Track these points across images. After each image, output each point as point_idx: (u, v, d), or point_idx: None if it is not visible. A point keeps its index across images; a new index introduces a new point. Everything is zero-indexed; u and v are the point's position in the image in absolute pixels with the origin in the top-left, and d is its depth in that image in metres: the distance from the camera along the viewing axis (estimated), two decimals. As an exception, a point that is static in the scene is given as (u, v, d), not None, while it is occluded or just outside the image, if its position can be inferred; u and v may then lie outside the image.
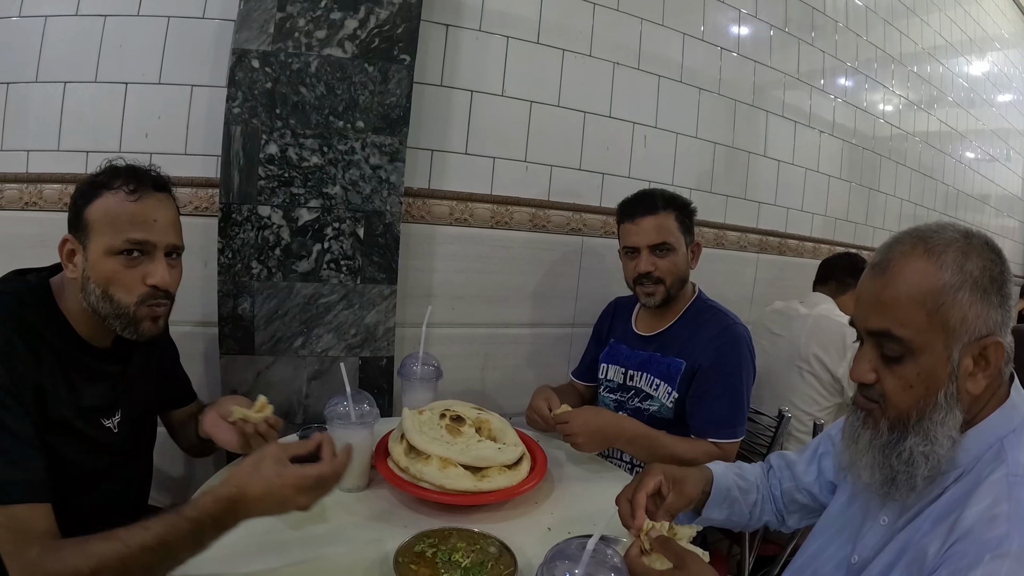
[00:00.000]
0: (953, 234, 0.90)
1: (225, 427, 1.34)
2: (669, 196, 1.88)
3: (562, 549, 1.09)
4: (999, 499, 0.82)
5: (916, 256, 0.90)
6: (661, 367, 1.86)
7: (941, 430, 0.88)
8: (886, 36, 3.53)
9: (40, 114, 1.78)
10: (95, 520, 1.22)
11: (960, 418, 0.89)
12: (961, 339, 0.87)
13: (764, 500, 1.33)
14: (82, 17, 1.78)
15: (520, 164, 2.25)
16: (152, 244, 1.20)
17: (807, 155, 3.15)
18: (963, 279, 0.86)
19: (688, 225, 1.88)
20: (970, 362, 0.88)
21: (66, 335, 1.19)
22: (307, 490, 1.02)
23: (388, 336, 1.96)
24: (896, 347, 0.90)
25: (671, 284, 1.84)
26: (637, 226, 1.84)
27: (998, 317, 0.87)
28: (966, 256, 0.88)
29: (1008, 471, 0.85)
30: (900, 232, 0.96)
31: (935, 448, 0.88)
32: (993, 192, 4.96)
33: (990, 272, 0.88)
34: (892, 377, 0.92)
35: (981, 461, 0.89)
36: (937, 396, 0.89)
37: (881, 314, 0.91)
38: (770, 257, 3.05)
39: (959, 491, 0.89)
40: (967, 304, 0.86)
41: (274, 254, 1.81)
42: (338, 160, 1.83)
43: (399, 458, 1.41)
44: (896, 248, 0.93)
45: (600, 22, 2.33)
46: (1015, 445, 0.88)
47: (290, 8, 1.75)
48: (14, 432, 1.03)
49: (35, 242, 1.75)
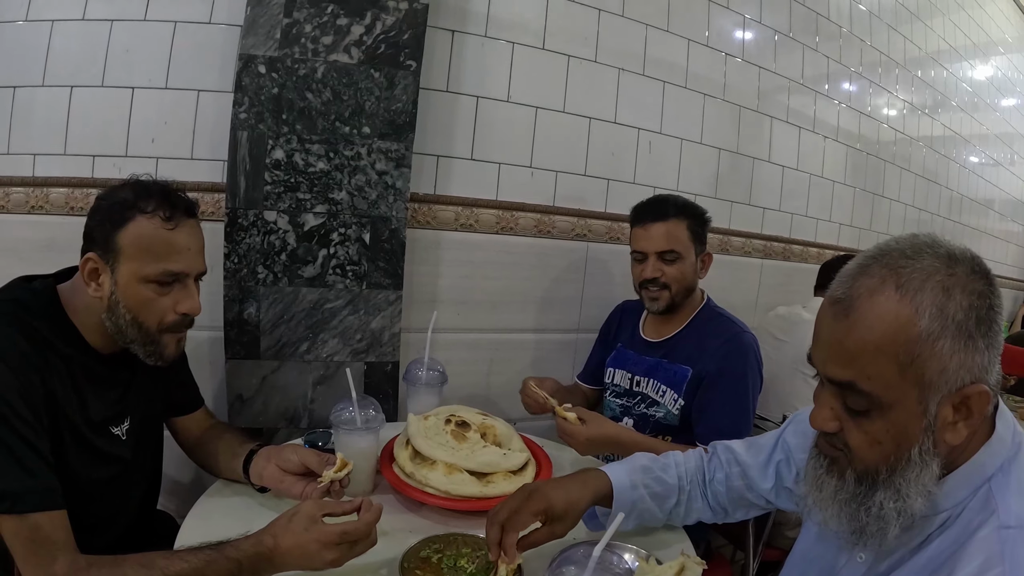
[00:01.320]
0: (932, 263, 0.75)
1: (292, 480, 1.31)
2: (683, 204, 1.88)
3: (568, 555, 1.09)
4: (992, 560, 0.72)
5: (886, 295, 0.74)
6: (668, 374, 1.85)
7: (914, 487, 0.77)
8: (890, 41, 3.53)
9: (46, 118, 1.79)
10: (103, 526, 1.23)
11: (938, 471, 0.77)
12: (939, 391, 0.74)
13: (691, 499, 1.26)
14: (89, 22, 1.78)
15: (525, 170, 2.25)
16: (186, 274, 1.21)
17: (811, 160, 3.15)
18: (944, 325, 0.72)
19: (699, 234, 1.88)
20: (949, 412, 0.75)
21: (75, 343, 1.18)
22: (332, 546, 1.02)
23: (393, 341, 1.96)
24: (861, 401, 0.77)
25: (676, 291, 1.84)
26: (646, 231, 1.84)
27: (984, 360, 0.74)
28: (948, 295, 0.73)
29: (1000, 523, 0.74)
30: (866, 255, 0.80)
31: (908, 504, 0.77)
32: (997, 196, 4.95)
33: (976, 312, 0.73)
34: (857, 431, 0.80)
35: (968, 509, 0.78)
36: (910, 452, 0.77)
37: (844, 364, 0.78)
38: (774, 263, 3.05)
39: (946, 542, 0.79)
40: (948, 354, 0.73)
41: (280, 259, 1.81)
42: (344, 166, 1.83)
43: (404, 463, 1.41)
44: (863, 283, 0.77)
45: (605, 28, 2.34)
46: (1004, 488, 0.77)
47: (297, 14, 1.76)
48: (27, 440, 1.03)
49: (41, 246, 1.76)
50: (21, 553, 1.00)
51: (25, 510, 1.00)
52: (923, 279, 0.74)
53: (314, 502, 1.09)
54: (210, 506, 1.32)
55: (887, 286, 0.75)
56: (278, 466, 1.31)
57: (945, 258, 0.75)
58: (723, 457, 1.29)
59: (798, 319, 2.49)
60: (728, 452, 1.29)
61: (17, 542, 1.00)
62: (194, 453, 1.50)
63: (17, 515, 0.99)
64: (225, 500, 1.35)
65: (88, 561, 1.01)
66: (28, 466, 1.02)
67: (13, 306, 1.13)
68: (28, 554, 1.00)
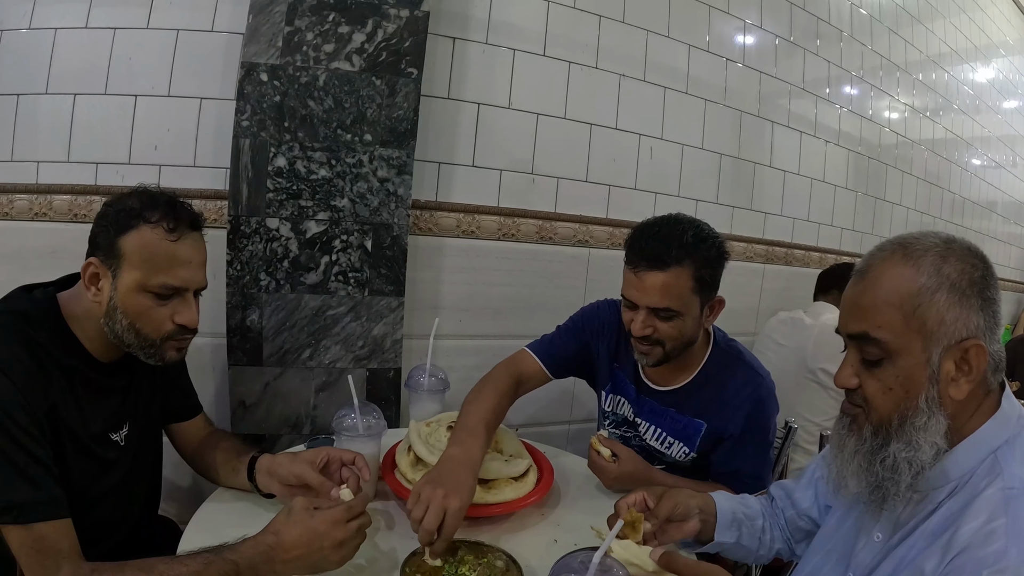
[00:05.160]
0: (934, 240, 0.90)
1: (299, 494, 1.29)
2: (691, 243, 1.45)
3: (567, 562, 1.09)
4: (996, 514, 0.81)
5: (895, 261, 0.89)
6: (677, 426, 1.63)
7: (923, 435, 0.86)
8: (891, 45, 3.53)
9: (50, 125, 1.80)
10: (106, 533, 1.23)
11: (944, 424, 0.87)
12: (940, 342, 0.85)
13: (772, 527, 1.30)
14: (92, 30, 1.80)
15: (527, 176, 2.26)
16: (185, 288, 1.21)
17: (813, 165, 3.15)
18: (940, 281, 0.85)
19: (708, 281, 1.49)
20: (951, 366, 0.86)
21: (74, 352, 1.18)
22: (341, 524, 1.04)
23: (395, 348, 1.97)
24: (874, 350, 0.90)
25: (671, 348, 1.52)
26: (639, 280, 1.46)
27: (979, 321, 0.86)
28: (944, 259, 0.87)
29: (1004, 484, 0.83)
30: (884, 240, 0.96)
31: (918, 454, 0.87)
32: (1000, 199, 4.94)
33: (969, 275, 0.86)
34: (872, 380, 0.91)
35: (975, 475, 0.87)
36: (918, 400, 0.87)
37: (859, 318, 0.92)
38: (776, 267, 3.04)
39: (954, 506, 0.87)
40: (945, 306, 0.85)
41: (282, 266, 1.82)
42: (346, 173, 1.84)
43: (406, 470, 1.41)
44: (876, 255, 0.93)
45: (606, 34, 2.34)
46: (1010, 456, 0.86)
47: (298, 22, 1.77)
48: (30, 451, 1.03)
49: (44, 253, 1.77)
50: (27, 562, 1.01)
51: (30, 520, 1.00)
52: (925, 249, 0.88)
53: (302, 498, 1.10)
54: (212, 512, 1.32)
55: (896, 255, 0.90)
56: (280, 483, 1.30)
57: (945, 237, 0.90)
58: (775, 493, 1.35)
59: (799, 324, 2.49)
60: (779, 488, 1.35)
61: (23, 551, 1.01)
62: (193, 461, 1.49)
63: (22, 525, 1.00)
64: (228, 506, 1.34)
65: (91, 568, 1.02)
66: (32, 477, 1.02)
67: (14, 317, 1.13)
68: (34, 563, 1.00)
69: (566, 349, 1.76)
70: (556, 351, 1.75)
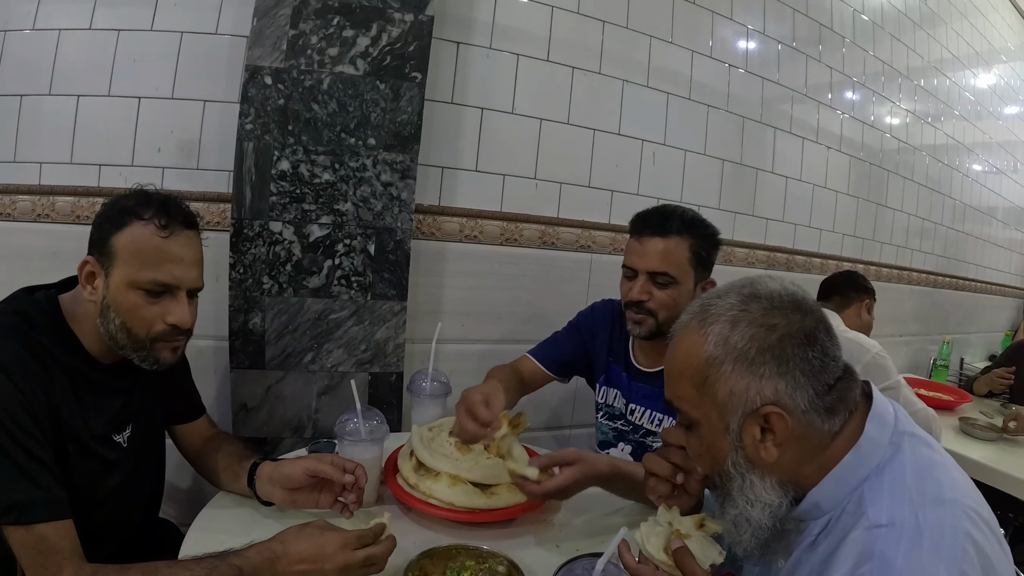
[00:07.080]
0: (731, 301, 0.87)
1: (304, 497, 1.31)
2: (690, 219, 1.62)
3: (571, 568, 1.09)
4: (862, 557, 0.77)
5: (690, 329, 0.89)
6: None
7: (744, 496, 0.86)
8: (893, 51, 3.54)
9: (53, 127, 1.80)
10: (108, 535, 1.23)
11: (772, 479, 0.86)
12: (735, 411, 0.84)
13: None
14: (96, 31, 1.79)
15: (530, 181, 2.26)
16: (176, 286, 1.20)
17: (815, 171, 3.15)
18: (727, 352, 0.84)
19: (704, 258, 1.63)
20: (756, 430, 0.84)
21: (77, 353, 1.18)
22: (348, 548, 1.05)
23: (398, 352, 1.97)
24: (683, 417, 0.92)
25: (663, 320, 1.60)
26: (641, 245, 1.61)
27: (778, 384, 0.82)
28: (734, 326, 0.85)
29: (870, 523, 0.79)
30: (696, 299, 0.94)
31: (751, 512, 0.86)
32: (1000, 205, 4.95)
33: (760, 342, 0.83)
34: (692, 441, 0.93)
35: (845, 512, 0.84)
36: (724, 465, 0.87)
37: (668, 385, 0.93)
38: (778, 274, 3.04)
39: (831, 544, 0.84)
40: (732, 378, 0.84)
41: (285, 269, 1.82)
42: (349, 177, 1.84)
43: (408, 475, 1.41)
44: (682, 318, 0.92)
45: (609, 39, 2.35)
46: (877, 489, 0.82)
47: (303, 26, 1.77)
48: (32, 452, 1.03)
49: (47, 254, 1.76)
50: (28, 563, 1.01)
51: (32, 521, 1.00)
52: (718, 314, 0.86)
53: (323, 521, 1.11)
54: (213, 517, 1.32)
55: (692, 322, 0.89)
56: (283, 488, 1.30)
57: (745, 297, 0.87)
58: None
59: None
60: None
61: (24, 552, 1.01)
62: (196, 464, 1.50)
63: (24, 526, 1.00)
64: (228, 511, 1.34)
65: (94, 569, 1.02)
66: (34, 477, 1.03)
67: (16, 319, 1.13)
68: (35, 564, 1.01)
69: (563, 347, 1.90)
70: (554, 349, 1.90)
